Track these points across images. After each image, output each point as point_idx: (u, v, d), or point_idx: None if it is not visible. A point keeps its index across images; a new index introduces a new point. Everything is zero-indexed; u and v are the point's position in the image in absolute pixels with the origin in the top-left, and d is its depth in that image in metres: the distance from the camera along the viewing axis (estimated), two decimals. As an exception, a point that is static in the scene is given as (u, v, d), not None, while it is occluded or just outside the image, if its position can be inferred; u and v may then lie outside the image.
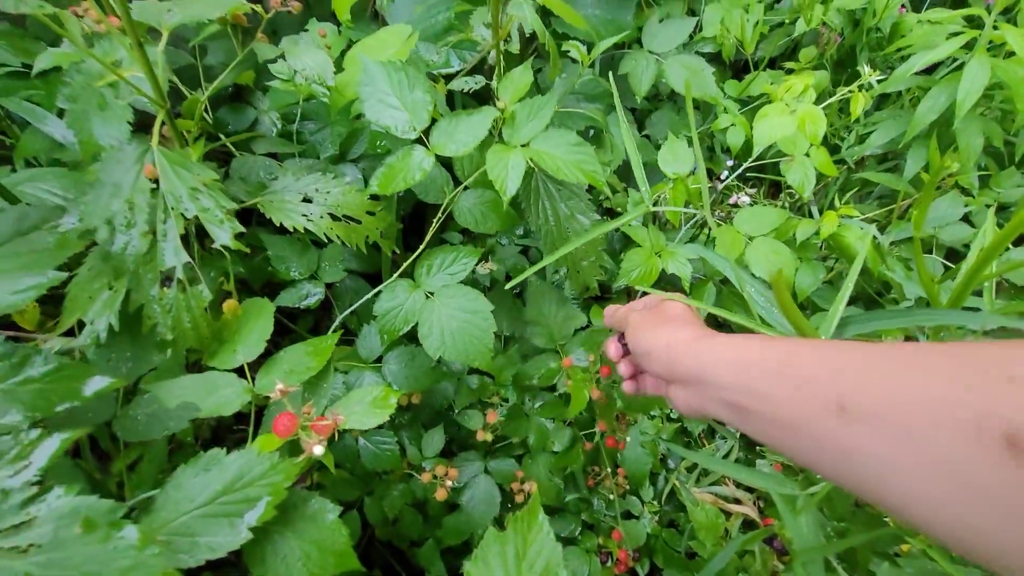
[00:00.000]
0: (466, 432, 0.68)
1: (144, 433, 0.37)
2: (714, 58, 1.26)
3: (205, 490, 0.29)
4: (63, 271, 0.32)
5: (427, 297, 0.52)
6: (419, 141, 0.51)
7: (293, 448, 0.35)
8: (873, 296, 0.96)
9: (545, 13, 0.70)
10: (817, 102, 1.28)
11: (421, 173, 0.50)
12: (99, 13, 0.49)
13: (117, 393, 0.39)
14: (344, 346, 0.65)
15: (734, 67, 1.36)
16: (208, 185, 0.35)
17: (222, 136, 0.61)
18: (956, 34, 0.86)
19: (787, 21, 1.26)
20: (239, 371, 0.38)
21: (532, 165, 0.51)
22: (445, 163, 0.59)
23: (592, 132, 0.92)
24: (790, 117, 0.75)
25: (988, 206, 0.93)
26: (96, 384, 0.28)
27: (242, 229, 0.36)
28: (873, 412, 0.23)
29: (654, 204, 0.91)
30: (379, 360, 0.59)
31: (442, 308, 0.51)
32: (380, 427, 0.52)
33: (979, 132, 0.89)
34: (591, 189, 0.63)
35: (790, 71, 1.24)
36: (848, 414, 0.23)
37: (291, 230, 0.48)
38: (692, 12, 1.40)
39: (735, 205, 1.05)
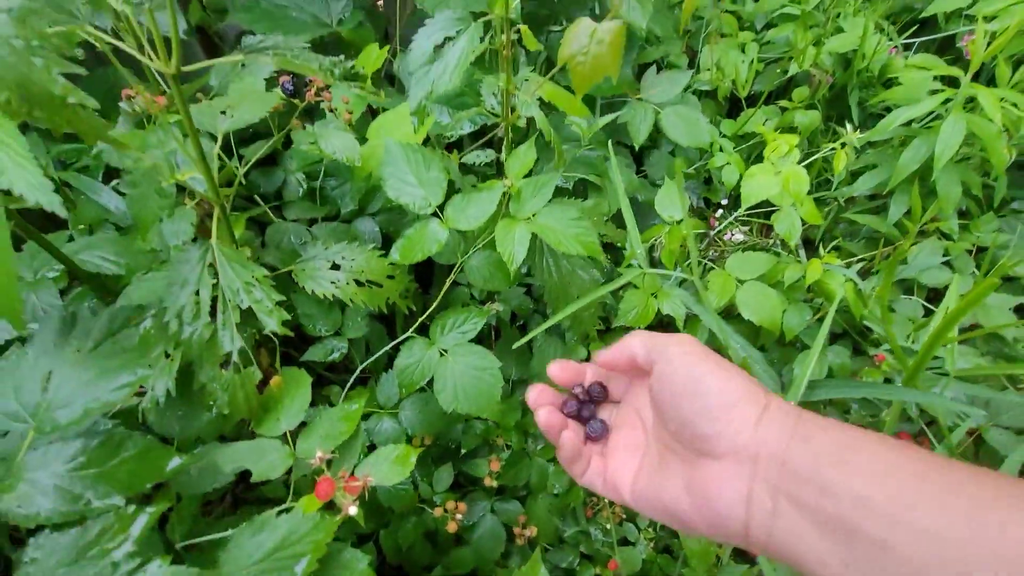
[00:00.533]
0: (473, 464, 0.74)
1: (197, 487, 0.43)
2: (710, 94, 1.32)
3: (260, 548, 0.35)
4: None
5: (441, 355, 0.58)
6: (435, 215, 0.57)
7: (327, 505, 0.40)
8: (856, 337, 1.01)
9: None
10: (811, 140, 1.34)
11: (437, 245, 0.56)
12: (149, 98, 0.55)
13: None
14: (360, 386, 0.71)
15: (730, 100, 1.42)
16: (260, 280, 0.41)
17: (257, 198, 0.67)
18: (936, 91, 0.92)
19: (780, 69, 1.32)
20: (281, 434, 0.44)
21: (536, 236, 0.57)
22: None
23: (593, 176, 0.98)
24: (775, 178, 0.81)
25: (968, 251, 0.99)
26: (176, 462, 0.34)
27: (287, 316, 0.41)
28: None
29: (650, 249, 0.96)
30: (396, 406, 0.65)
31: (455, 365, 0.57)
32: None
33: (957, 181, 0.94)
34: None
35: (784, 109, 1.30)
36: None
37: (321, 297, 0.54)
38: (690, 49, 1.47)
39: (728, 242, 1.11)
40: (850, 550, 0.22)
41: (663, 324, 1.02)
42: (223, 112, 0.47)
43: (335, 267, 0.57)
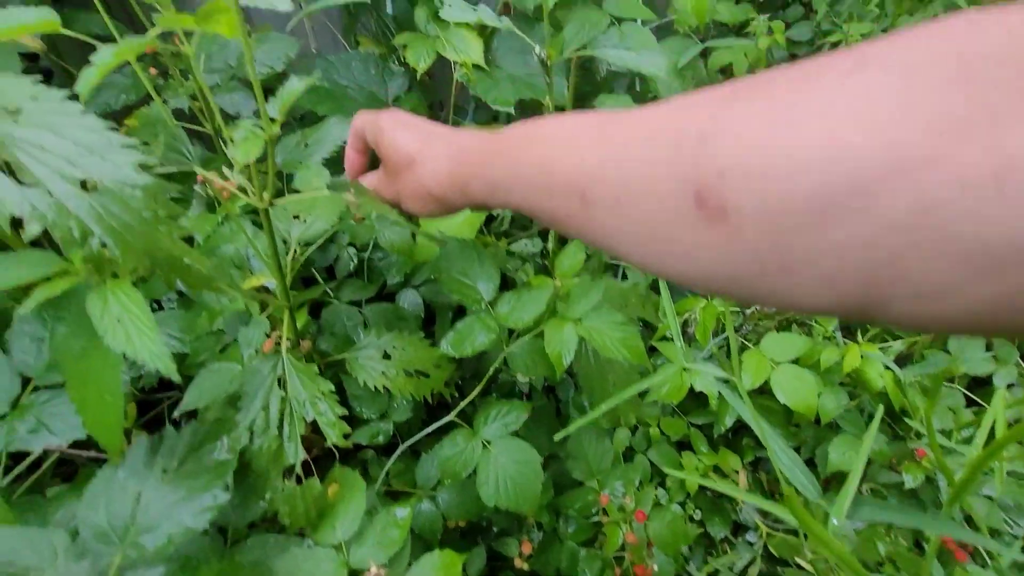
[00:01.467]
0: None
1: (248, 582, 0.44)
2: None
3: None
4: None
5: (484, 446, 0.59)
6: (486, 310, 0.59)
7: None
8: (892, 424, 0.99)
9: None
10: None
11: (488, 341, 0.57)
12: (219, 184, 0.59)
13: (225, 538, 0.46)
14: (398, 462, 0.72)
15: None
16: (325, 395, 0.43)
17: (316, 272, 0.70)
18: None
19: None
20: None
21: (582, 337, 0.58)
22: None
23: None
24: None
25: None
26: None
27: (348, 430, 0.43)
28: (602, 197, 0.24)
29: (684, 323, 0.97)
30: (434, 488, 0.65)
31: (498, 458, 0.58)
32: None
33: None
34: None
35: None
36: (587, 202, 0.25)
37: (373, 388, 0.56)
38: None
39: (766, 317, 1.10)
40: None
41: (695, 395, 1.01)
42: (296, 217, 0.50)
43: (386, 356, 0.59)
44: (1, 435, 0.41)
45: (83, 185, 0.28)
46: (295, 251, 0.51)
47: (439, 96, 1.06)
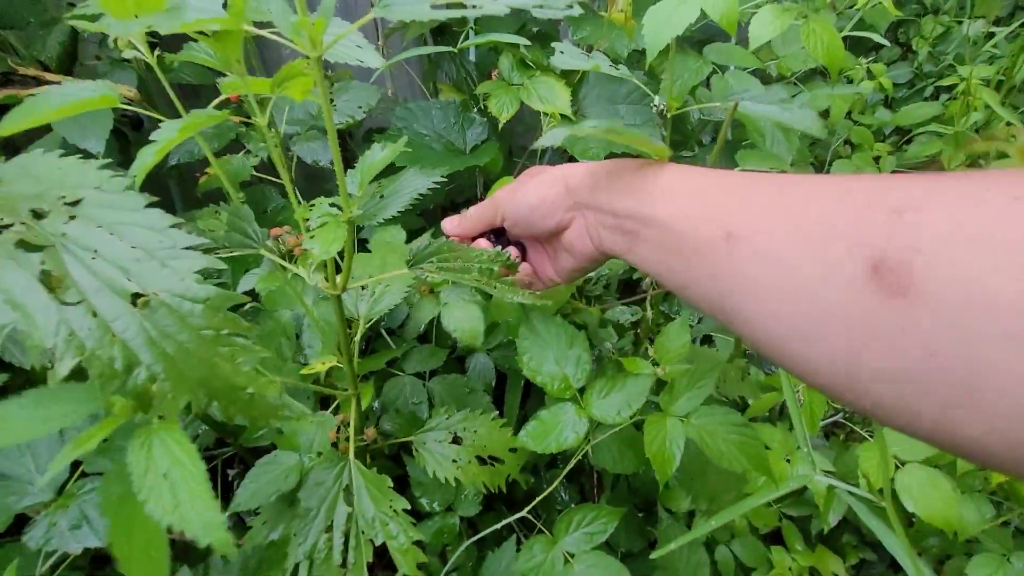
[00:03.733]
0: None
1: None
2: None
3: None
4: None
5: (566, 560, 0.50)
6: (573, 399, 0.51)
7: None
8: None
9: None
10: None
11: (575, 437, 0.49)
12: (294, 240, 0.55)
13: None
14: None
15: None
16: (398, 514, 0.36)
17: (383, 332, 0.64)
18: None
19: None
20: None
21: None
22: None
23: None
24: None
25: None
26: None
27: (424, 559, 0.36)
28: (754, 237, 0.23)
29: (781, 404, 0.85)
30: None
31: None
32: None
33: None
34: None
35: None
36: (734, 239, 0.23)
37: (443, 480, 0.49)
38: (817, 160, 1.37)
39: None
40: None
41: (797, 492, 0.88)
42: (363, 287, 0.45)
43: (456, 440, 0.52)
44: (42, 530, 0.37)
45: (134, 301, 0.23)
46: (363, 329, 0.45)
47: (518, 144, 1.02)
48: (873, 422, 0.82)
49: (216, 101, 0.34)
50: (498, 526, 0.56)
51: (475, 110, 0.84)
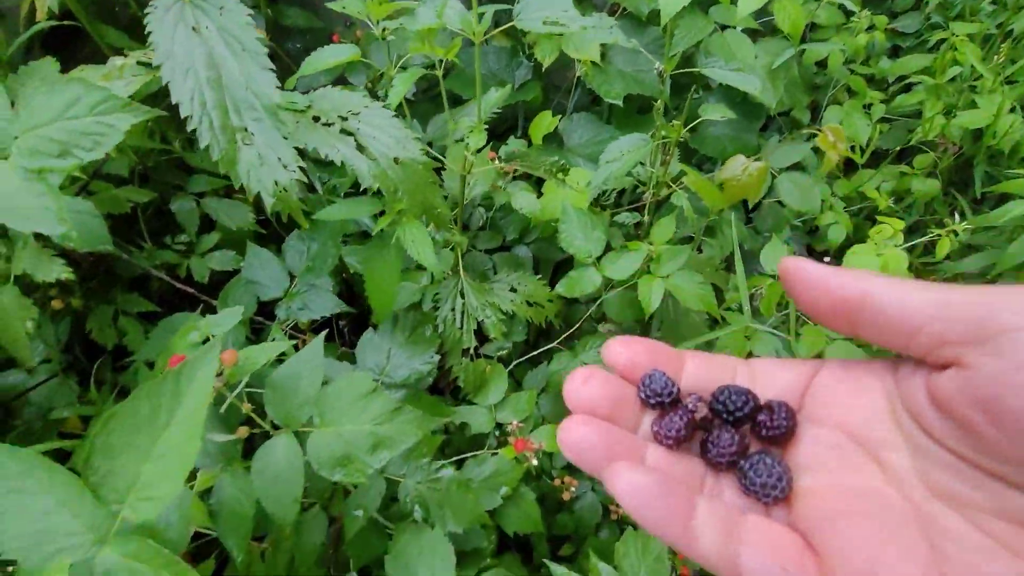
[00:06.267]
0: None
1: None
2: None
3: (481, 473, 0.57)
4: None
5: (581, 366, 0.78)
6: (593, 264, 0.77)
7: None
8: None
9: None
10: (925, 210, 1.39)
11: (593, 287, 0.76)
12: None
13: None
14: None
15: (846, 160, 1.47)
16: (490, 304, 0.63)
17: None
18: (1056, 188, 0.97)
19: (906, 131, 1.37)
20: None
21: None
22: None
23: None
24: (876, 259, 0.92)
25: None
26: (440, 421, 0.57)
27: (505, 329, 0.63)
28: None
29: (751, 297, 1.10)
30: (537, 397, 0.86)
31: (591, 375, 0.77)
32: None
33: (1068, 275, 0.99)
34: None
35: (903, 174, 1.36)
36: None
37: (506, 312, 0.76)
38: (815, 103, 1.54)
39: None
40: None
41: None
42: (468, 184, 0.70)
43: (512, 290, 0.79)
44: (283, 309, 0.65)
45: (396, 161, 0.49)
46: (462, 205, 0.71)
47: (553, 84, 1.22)
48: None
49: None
50: (541, 350, 0.84)
51: (522, 55, 1.05)
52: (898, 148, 1.37)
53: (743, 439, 0.22)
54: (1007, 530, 0.18)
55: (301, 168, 0.41)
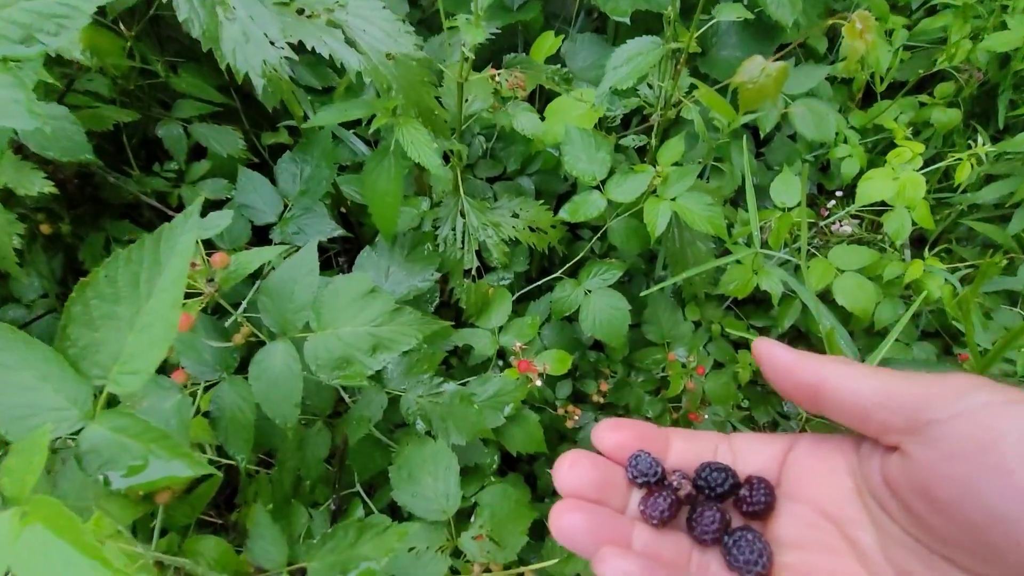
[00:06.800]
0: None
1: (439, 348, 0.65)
2: (846, 81, 1.33)
3: (485, 392, 0.57)
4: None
5: (586, 294, 0.77)
6: (597, 187, 0.74)
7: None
8: (949, 340, 1.08)
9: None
10: (944, 142, 1.34)
11: (597, 211, 0.73)
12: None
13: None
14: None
15: (866, 86, 1.41)
16: (492, 224, 0.60)
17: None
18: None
19: (931, 59, 1.30)
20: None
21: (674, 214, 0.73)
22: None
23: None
24: (892, 183, 0.89)
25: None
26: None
27: (507, 250, 0.61)
28: None
29: (760, 229, 1.07)
30: (540, 327, 0.85)
31: (596, 303, 0.76)
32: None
33: (1089, 203, 0.96)
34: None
35: (923, 104, 1.30)
36: None
37: (508, 238, 0.74)
38: (833, 29, 1.46)
39: (835, 233, 1.18)
40: None
41: (757, 300, 1.14)
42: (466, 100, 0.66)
43: (515, 215, 0.76)
44: (278, 233, 0.63)
45: (388, 56, 0.45)
46: (461, 121, 0.67)
47: (554, 6, 1.15)
48: (828, 251, 1.05)
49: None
50: (545, 280, 0.82)
51: (523, -29, 0.99)
52: (917, 78, 1.30)
53: (724, 516, 0.24)
54: None
55: (290, 46, 0.38)
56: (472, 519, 0.50)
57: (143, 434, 0.23)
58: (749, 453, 0.26)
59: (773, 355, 0.24)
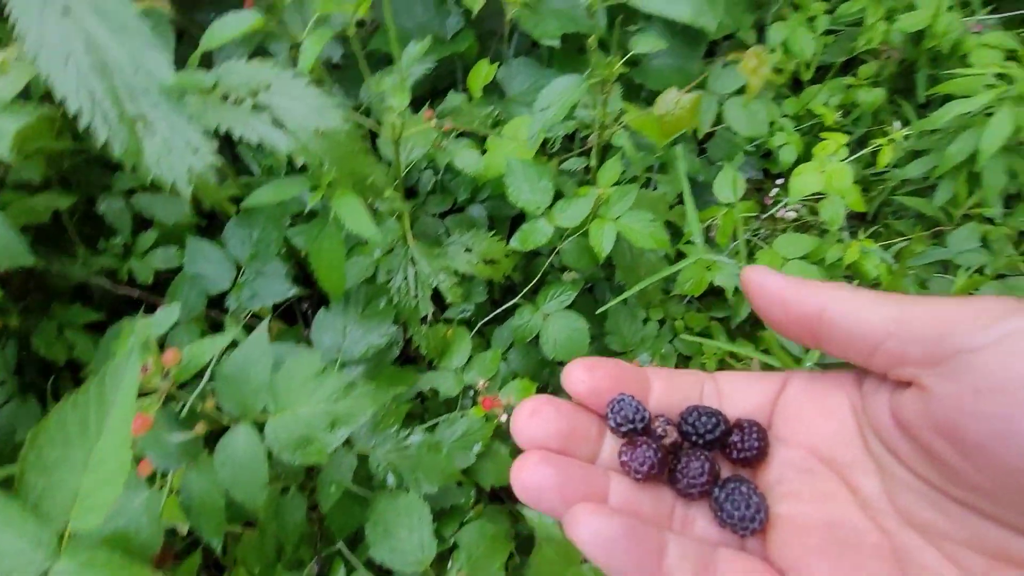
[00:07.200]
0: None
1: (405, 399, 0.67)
2: (776, 70, 1.39)
3: (453, 434, 0.59)
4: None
5: (544, 318, 0.80)
6: (543, 215, 0.77)
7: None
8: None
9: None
10: (873, 120, 1.40)
11: (545, 237, 0.76)
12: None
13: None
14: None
15: (795, 76, 1.47)
16: (444, 269, 0.62)
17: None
18: (991, 86, 0.99)
19: (849, 42, 1.37)
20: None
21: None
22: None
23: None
24: (820, 176, 0.94)
25: (1008, 236, 1.07)
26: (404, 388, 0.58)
27: (461, 291, 0.63)
28: None
29: (707, 228, 1.12)
30: (505, 352, 0.87)
31: (554, 325, 0.78)
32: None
33: (1003, 171, 1.03)
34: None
35: (849, 86, 1.37)
36: None
37: (463, 272, 0.76)
38: (760, 21, 1.51)
39: (781, 218, 1.24)
40: None
41: (716, 291, 1.18)
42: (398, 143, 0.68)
43: (468, 250, 0.78)
44: (233, 300, 0.64)
45: (317, 132, 0.47)
46: (402, 168, 0.69)
47: (488, 30, 1.17)
48: (774, 240, 1.10)
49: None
50: (503, 308, 0.84)
51: (451, 1, 1.00)
52: (842, 61, 1.37)
53: (714, 466, 0.21)
54: (983, 565, 0.17)
55: (228, 144, 0.39)
56: (450, 564, 0.52)
57: (108, 564, 0.25)
58: (737, 394, 0.23)
59: (765, 284, 0.21)
